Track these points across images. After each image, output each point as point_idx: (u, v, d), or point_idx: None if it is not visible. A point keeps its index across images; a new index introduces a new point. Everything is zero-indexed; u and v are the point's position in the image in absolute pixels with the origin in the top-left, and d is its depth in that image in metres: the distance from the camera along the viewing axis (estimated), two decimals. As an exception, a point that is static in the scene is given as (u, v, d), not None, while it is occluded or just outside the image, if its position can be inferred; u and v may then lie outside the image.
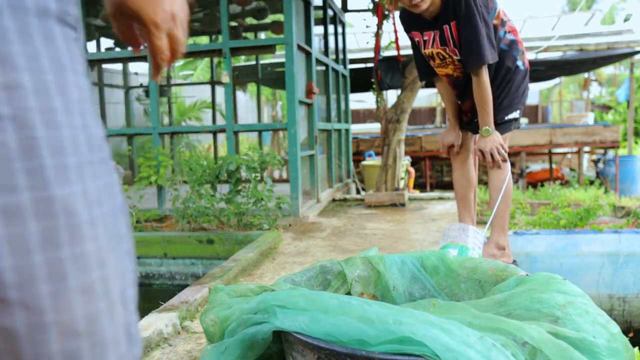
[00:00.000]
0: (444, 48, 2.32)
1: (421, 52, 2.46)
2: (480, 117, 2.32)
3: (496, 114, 2.37)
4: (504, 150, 2.35)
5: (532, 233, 2.97)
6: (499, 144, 2.33)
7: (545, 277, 1.20)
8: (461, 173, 2.68)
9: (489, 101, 2.30)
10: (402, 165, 5.77)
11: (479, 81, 2.27)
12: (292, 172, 4.28)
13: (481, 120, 2.32)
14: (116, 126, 7.41)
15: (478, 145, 2.38)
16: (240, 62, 9.61)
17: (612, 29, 9.10)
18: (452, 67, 2.38)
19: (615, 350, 0.96)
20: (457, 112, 2.59)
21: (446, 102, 2.60)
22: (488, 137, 2.33)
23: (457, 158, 2.67)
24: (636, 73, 13.24)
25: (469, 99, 2.45)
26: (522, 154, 9.19)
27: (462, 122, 2.59)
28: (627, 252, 2.87)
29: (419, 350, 0.90)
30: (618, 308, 2.94)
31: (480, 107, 2.31)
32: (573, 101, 19.81)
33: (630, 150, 9.30)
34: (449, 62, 2.36)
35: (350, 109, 6.73)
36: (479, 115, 2.33)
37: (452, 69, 2.39)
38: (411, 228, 3.79)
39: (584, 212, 3.24)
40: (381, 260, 1.60)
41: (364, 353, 0.94)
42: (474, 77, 2.28)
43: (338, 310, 0.99)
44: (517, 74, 2.42)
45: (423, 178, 9.40)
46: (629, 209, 4.60)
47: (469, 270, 1.45)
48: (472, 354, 0.86)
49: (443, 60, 2.37)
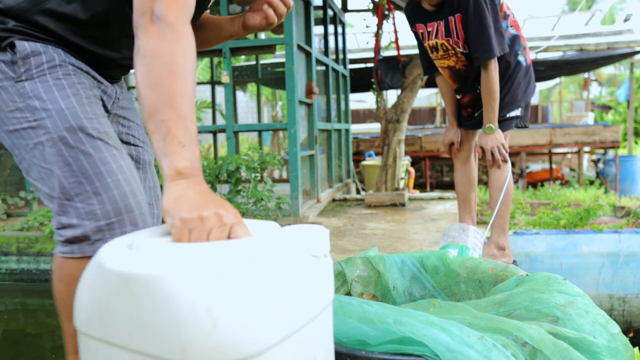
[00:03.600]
0: (448, 39, 2.32)
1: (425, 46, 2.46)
2: (485, 113, 2.31)
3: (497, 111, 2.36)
4: (505, 150, 2.34)
5: (532, 233, 2.97)
6: (501, 143, 2.32)
7: (545, 277, 1.20)
8: (462, 173, 2.67)
9: (496, 97, 2.28)
10: (402, 165, 5.78)
11: (487, 75, 2.25)
12: (292, 172, 4.28)
13: (485, 117, 2.31)
14: (116, 126, 7.40)
15: (479, 142, 2.36)
16: (240, 62, 9.61)
17: (612, 29, 9.09)
18: (455, 58, 2.37)
19: (615, 350, 0.96)
20: (457, 108, 2.58)
21: (446, 99, 2.59)
22: (490, 135, 2.31)
23: (459, 158, 2.65)
24: (636, 73, 13.24)
25: (469, 92, 2.44)
26: (522, 154, 9.19)
27: (462, 118, 2.58)
28: (627, 252, 2.87)
29: (419, 350, 0.90)
30: (618, 308, 2.94)
31: (486, 101, 2.29)
32: (573, 101, 19.81)
33: (630, 150, 9.30)
34: (452, 54, 2.36)
35: (350, 109, 6.73)
36: (484, 110, 2.31)
37: (455, 60, 2.38)
38: (411, 228, 3.79)
39: (584, 212, 3.24)
40: (381, 260, 1.60)
41: (364, 353, 0.94)
42: (483, 71, 2.26)
43: (338, 310, 0.99)
44: (519, 69, 2.39)
45: (423, 178, 9.40)
46: (629, 209, 4.60)
47: (469, 270, 1.45)
48: (473, 354, 0.86)
49: (446, 51, 2.36)
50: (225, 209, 0.72)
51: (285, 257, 0.68)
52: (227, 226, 0.71)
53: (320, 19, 5.84)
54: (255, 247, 0.68)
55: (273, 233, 0.77)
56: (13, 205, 4.85)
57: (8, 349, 2.81)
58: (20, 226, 4.08)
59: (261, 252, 0.66)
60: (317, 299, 0.73)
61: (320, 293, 0.74)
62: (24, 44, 1.01)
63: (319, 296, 0.73)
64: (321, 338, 0.75)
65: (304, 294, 0.69)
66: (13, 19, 1.01)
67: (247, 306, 0.60)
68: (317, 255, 0.73)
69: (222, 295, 0.59)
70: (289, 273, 0.67)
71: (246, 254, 0.65)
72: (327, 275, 0.77)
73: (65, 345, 1.05)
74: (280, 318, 0.63)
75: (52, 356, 2.72)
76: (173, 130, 0.78)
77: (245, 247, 0.68)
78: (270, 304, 0.62)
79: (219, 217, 0.71)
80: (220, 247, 0.68)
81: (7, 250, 3.90)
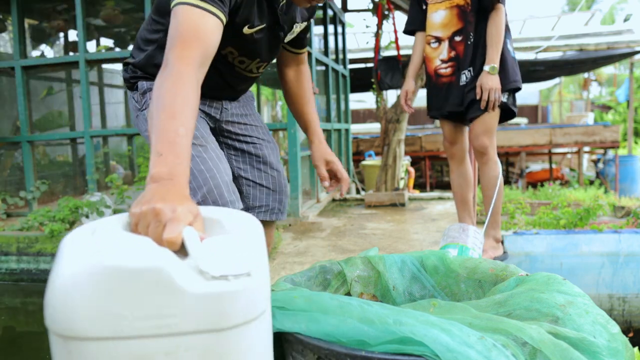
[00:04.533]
0: None
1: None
2: (490, 54, 2.38)
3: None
4: (498, 95, 2.40)
5: (532, 233, 2.97)
6: (499, 87, 2.39)
7: (545, 277, 1.20)
8: (459, 174, 2.69)
9: (501, 39, 2.38)
10: (402, 165, 5.77)
11: (498, 15, 2.37)
12: (292, 172, 4.28)
13: (490, 57, 2.38)
14: (116, 126, 7.41)
15: (481, 80, 2.40)
16: (240, 62, 9.58)
17: (612, 29, 9.09)
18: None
19: (615, 350, 0.96)
20: (418, 71, 2.75)
21: (415, 58, 2.68)
22: (492, 76, 2.37)
23: (454, 158, 2.67)
24: (636, 73, 13.24)
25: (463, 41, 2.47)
26: (522, 154, 9.19)
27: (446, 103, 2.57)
28: (627, 252, 2.87)
29: (419, 350, 0.90)
30: (618, 308, 2.94)
31: (493, 43, 2.38)
32: (573, 101, 19.81)
33: (630, 150, 9.30)
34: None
35: (350, 109, 6.72)
36: (489, 51, 2.38)
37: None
38: (411, 228, 3.79)
39: (584, 212, 3.23)
40: (381, 260, 1.60)
41: (364, 353, 0.94)
42: (492, 13, 2.38)
43: (338, 310, 0.99)
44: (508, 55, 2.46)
45: (423, 178, 9.40)
46: (629, 209, 4.60)
47: (469, 270, 1.45)
48: (473, 354, 0.86)
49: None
50: (172, 206, 0.78)
51: (162, 270, 0.68)
52: (161, 223, 0.77)
53: (320, 18, 5.83)
54: (134, 249, 0.71)
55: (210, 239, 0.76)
56: (13, 205, 4.85)
57: (8, 349, 2.81)
58: (20, 226, 4.08)
59: (130, 255, 0.69)
60: (184, 320, 0.69)
61: (196, 315, 0.69)
62: (143, 83, 1.46)
63: (188, 318, 0.69)
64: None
65: (155, 306, 0.68)
66: (139, 69, 1.48)
67: (84, 298, 0.68)
68: (215, 276, 0.70)
69: (74, 284, 0.68)
70: (150, 284, 0.68)
71: (127, 254, 0.70)
72: (220, 302, 0.70)
73: None
74: (114, 319, 0.67)
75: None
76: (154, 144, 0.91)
77: (134, 248, 0.71)
78: (108, 305, 0.67)
79: (156, 213, 0.77)
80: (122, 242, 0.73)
81: (7, 250, 3.90)
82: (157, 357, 0.69)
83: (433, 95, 2.63)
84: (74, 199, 4.21)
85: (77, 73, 5.60)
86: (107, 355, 0.68)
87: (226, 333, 0.72)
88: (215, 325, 0.70)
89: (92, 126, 4.68)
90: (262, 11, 1.39)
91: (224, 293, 0.70)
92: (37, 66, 4.84)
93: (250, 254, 0.75)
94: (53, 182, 5.69)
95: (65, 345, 0.70)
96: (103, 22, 5.74)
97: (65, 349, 0.70)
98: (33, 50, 6.30)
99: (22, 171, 4.87)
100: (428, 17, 2.57)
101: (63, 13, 5.62)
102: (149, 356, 0.69)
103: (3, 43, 6.81)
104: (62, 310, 0.68)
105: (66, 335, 0.69)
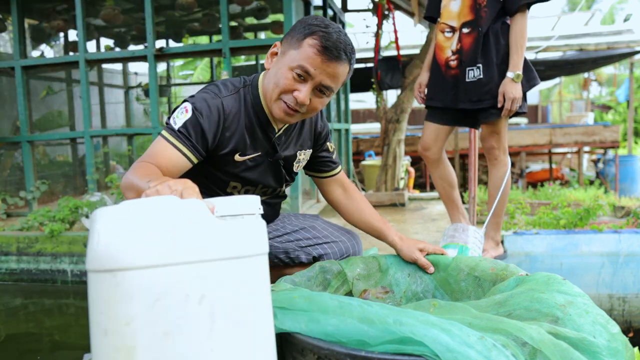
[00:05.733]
0: None
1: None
2: (515, 59, 2.29)
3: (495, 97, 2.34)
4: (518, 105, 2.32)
5: (532, 233, 2.97)
6: (521, 97, 2.31)
7: (545, 277, 1.20)
8: (439, 175, 2.62)
9: (525, 44, 2.29)
10: (402, 165, 5.78)
11: (521, 19, 2.29)
12: (292, 172, 4.27)
13: (513, 63, 2.29)
14: (116, 126, 7.41)
15: (504, 88, 2.29)
16: (240, 62, 9.61)
17: (612, 29, 9.09)
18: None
19: (615, 350, 0.96)
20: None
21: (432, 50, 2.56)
22: (516, 85, 2.28)
23: (429, 161, 2.58)
24: (636, 73, 13.25)
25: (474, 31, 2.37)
26: (522, 154, 9.19)
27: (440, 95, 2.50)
28: (627, 252, 2.87)
29: (419, 350, 0.90)
30: (618, 308, 2.94)
31: (514, 47, 2.29)
32: (573, 101, 19.81)
33: (630, 150, 9.29)
34: None
35: (350, 109, 6.72)
36: (513, 56, 2.29)
37: None
38: (411, 228, 3.79)
39: (584, 212, 3.23)
40: (381, 260, 1.60)
41: (364, 353, 0.94)
42: (517, 16, 2.29)
43: (338, 310, 0.99)
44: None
45: (423, 178, 9.40)
46: (629, 209, 4.60)
47: (469, 269, 1.45)
48: (473, 354, 0.86)
49: None
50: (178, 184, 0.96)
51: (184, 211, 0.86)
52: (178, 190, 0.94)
53: (320, 19, 5.82)
54: (166, 203, 0.87)
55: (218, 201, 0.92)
56: (13, 205, 4.85)
57: (8, 349, 2.81)
58: (20, 226, 4.08)
59: (166, 205, 0.87)
60: (209, 248, 0.87)
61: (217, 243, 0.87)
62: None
63: (212, 245, 0.87)
64: (230, 288, 0.88)
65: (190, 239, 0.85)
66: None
67: (123, 235, 0.83)
68: (224, 215, 0.90)
69: (112, 226, 0.83)
70: (177, 221, 0.85)
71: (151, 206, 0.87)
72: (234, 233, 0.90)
73: None
74: (152, 249, 0.82)
75: (52, 356, 2.72)
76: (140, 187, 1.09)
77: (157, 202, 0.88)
78: (145, 238, 0.82)
79: (169, 185, 0.96)
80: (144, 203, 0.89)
81: (7, 250, 3.90)
82: (191, 280, 0.84)
83: (439, 85, 2.50)
84: (74, 199, 4.22)
85: (77, 73, 5.60)
86: (149, 281, 0.82)
87: (244, 260, 0.90)
88: (235, 253, 0.89)
89: (92, 126, 4.68)
90: (255, 140, 1.44)
91: (240, 226, 0.91)
92: (37, 66, 4.84)
93: (251, 201, 0.94)
94: (53, 182, 5.69)
95: (113, 277, 0.82)
96: (103, 22, 5.75)
97: (113, 281, 0.82)
98: (33, 50, 6.30)
99: (22, 171, 4.87)
100: (446, 4, 2.46)
101: (63, 13, 5.62)
102: (183, 282, 0.84)
103: (3, 43, 6.81)
104: (110, 246, 0.82)
105: (114, 268, 0.81)
